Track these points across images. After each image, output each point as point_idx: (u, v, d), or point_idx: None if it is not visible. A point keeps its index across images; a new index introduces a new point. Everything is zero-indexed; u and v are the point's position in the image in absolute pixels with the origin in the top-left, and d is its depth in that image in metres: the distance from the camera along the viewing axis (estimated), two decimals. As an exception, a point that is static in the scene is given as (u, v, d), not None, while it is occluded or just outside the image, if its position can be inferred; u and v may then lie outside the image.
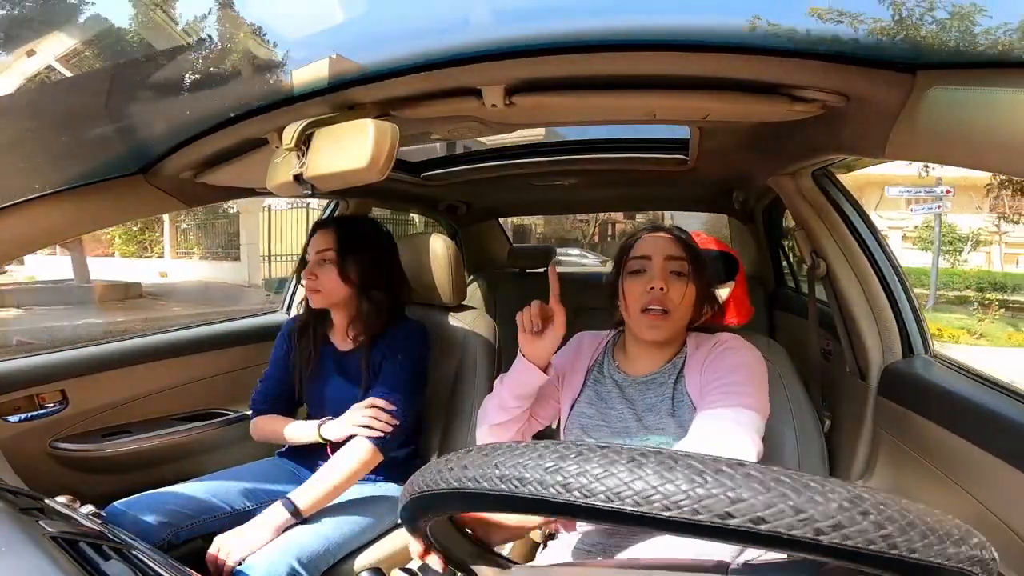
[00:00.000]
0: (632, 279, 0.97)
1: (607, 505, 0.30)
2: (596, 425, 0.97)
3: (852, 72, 0.62)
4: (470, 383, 1.36)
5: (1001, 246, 13.44)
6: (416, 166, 1.77)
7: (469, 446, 0.37)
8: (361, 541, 1.13)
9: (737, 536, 0.28)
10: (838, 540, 0.27)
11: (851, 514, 0.28)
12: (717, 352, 0.95)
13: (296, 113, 0.80)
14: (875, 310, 1.11)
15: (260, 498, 1.19)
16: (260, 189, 1.21)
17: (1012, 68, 0.49)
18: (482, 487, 0.33)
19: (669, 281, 0.95)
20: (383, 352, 1.23)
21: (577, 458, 0.31)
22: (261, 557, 0.96)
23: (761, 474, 0.29)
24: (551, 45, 0.65)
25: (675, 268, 0.96)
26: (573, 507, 0.30)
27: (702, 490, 0.29)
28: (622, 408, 0.97)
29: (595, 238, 19.17)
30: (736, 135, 1.09)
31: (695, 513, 0.28)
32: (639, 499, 0.29)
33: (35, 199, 0.96)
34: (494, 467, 0.33)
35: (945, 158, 0.66)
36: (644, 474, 0.30)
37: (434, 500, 0.36)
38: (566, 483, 0.30)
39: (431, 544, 0.43)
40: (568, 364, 1.06)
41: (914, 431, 0.96)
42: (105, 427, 1.30)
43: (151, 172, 1.03)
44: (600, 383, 1.02)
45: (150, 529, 1.02)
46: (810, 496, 0.28)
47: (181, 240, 13.53)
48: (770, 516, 0.28)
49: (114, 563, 0.49)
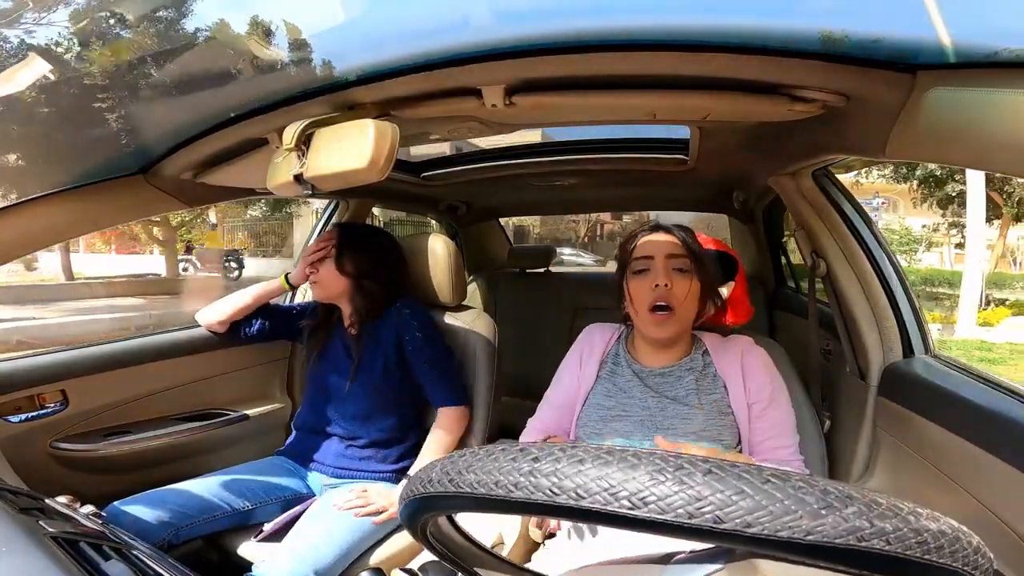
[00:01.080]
0: (637, 279, 0.99)
1: (579, 504, 0.29)
2: (617, 415, 0.98)
3: (852, 72, 0.62)
4: (470, 382, 1.36)
5: (951, 247, 15.16)
6: (416, 166, 1.77)
7: (471, 446, 0.37)
8: (369, 543, 1.13)
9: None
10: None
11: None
12: (753, 363, 1.00)
13: (296, 113, 0.80)
14: (875, 310, 1.11)
15: (260, 497, 1.19)
16: (260, 189, 1.21)
17: (1012, 68, 0.49)
18: (477, 491, 0.33)
19: (673, 278, 0.96)
20: (395, 329, 1.28)
21: (571, 460, 0.31)
22: (279, 566, 0.97)
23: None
24: (551, 45, 0.65)
25: (677, 265, 0.98)
26: (563, 509, 0.30)
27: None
28: (644, 397, 0.98)
29: (585, 239, 20.13)
30: (736, 135, 1.09)
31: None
32: (607, 496, 0.29)
33: (35, 199, 0.96)
34: (492, 471, 0.33)
35: (945, 158, 0.66)
36: (629, 473, 0.30)
37: (432, 501, 0.36)
38: (561, 484, 0.30)
39: (431, 545, 0.43)
40: (583, 357, 1.08)
41: (914, 431, 0.96)
42: (105, 427, 1.30)
43: (151, 172, 1.04)
44: (617, 374, 1.03)
45: (150, 529, 1.02)
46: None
47: (229, 239, 14.37)
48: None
49: (114, 563, 0.49)
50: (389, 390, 1.29)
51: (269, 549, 1.07)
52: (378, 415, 1.29)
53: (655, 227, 1.04)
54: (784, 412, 0.99)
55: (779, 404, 0.99)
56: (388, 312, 1.30)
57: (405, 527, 0.40)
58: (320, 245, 1.31)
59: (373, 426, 1.29)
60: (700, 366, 1.00)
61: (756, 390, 0.98)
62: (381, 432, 1.29)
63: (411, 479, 0.38)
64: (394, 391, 1.29)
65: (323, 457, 1.29)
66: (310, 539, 1.04)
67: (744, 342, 1.04)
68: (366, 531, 1.11)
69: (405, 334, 1.27)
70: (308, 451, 1.31)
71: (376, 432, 1.29)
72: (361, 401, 1.28)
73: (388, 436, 1.30)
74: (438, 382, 1.28)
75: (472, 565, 0.45)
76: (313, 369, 1.36)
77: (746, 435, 0.97)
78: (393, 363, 1.28)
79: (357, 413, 1.29)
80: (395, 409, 1.30)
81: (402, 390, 1.30)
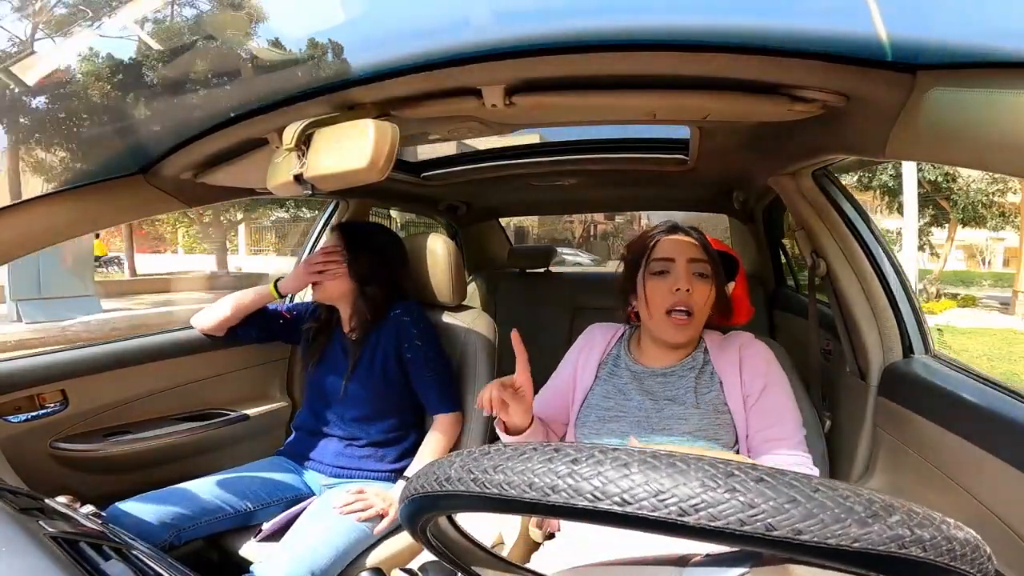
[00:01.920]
0: (655, 280, 0.98)
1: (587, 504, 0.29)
2: (615, 416, 0.98)
3: (852, 72, 0.62)
4: (470, 382, 1.36)
5: (949, 244, 15.89)
6: (416, 166, 1.77)
7: (470, 446, 0.36)
8: (366, 544, 1.13)
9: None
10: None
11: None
12: (751, 356, 0.99)
13: (296, 113, 0.80)
14: (875, 310, 1.11)
15: (261, 498, 1.19)
16: (260, 189, 1.21)
17: (1012, 68, 0.48)
18: (473, 490, 0.32)
19: (693, 282, 0.96)
20: (395, 335, 1.28)
21: (615, 463, 0.30)
22: (277, 567, 0.97)
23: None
24: (551, 45, 0.65)
25: (698, 270, 0.97)
26: (605, 514, 0.30)
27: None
28: (641, 399, 0.98)
29: (581, 239, 20.86)
30: (736, 135, 1.09)
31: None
32: (655, 502, 0.28)
33: (35, 199, 0.96)
34: (490, 471, 0.32)
35: (945, 158, 0.66)
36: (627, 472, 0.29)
37: (431, 501, 0.36)
38: (605, 489, 0.29)
39: (431, 545, 0.43)
40: (583, 357, 1.08)
41: (914, 431, 0.96)
42: (105, 427, 1.30)
43: (151, 172, 1.03)
44: (615, 375, 1.03)
45: (152, 530, 1.02)
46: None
47: (257, 239, 15.27)
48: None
49: (114, 563, 0.49)
50: (388, 393, 1.29)
51: (268, 549, 1.07)
52: (377, 416, 1.29)
53: (674, 227, 1.03)
54: (780, 402, 0.96)
55: (775, 394, 0.97)
56: (388, 317, 1.29)
57: (408, 525, 0.40)
58: (330, 256, 1.29)
59: (372, 427, 1.29)
60: (699, 364, 1.00)
61: (749, 381, 0.97)
62: (380, 433, 1.29)
63: (418, 476, 0.37)
64: (393, 394, 1.29)
65: (322, 456, 1.29)
66: (308, 539, 1.04)
67: (744, 337, 1.04)
68: (364, 531, 1.11)
69: (404, 341, 1.27)
70: (307, 451, 1.31)
71: (375, 433, 1.29)
72: (360, 403, 1.28)
73: (387, 436, 1.30)
74: (434, 389, 1.28)
75: (472, 565, 0.45)
76: (312, 371, 1.36)
77: (743, 432, 0.96)
78: (392, 368, 1.28)
79: (356, 415, 1.29)
80: (394, 411, 1.31)
81: (401, 393, 1.30)
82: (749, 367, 0.98)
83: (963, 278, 13.75)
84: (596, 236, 21.30)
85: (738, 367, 0.98)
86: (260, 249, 15.93)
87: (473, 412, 1.33)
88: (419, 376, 1.28)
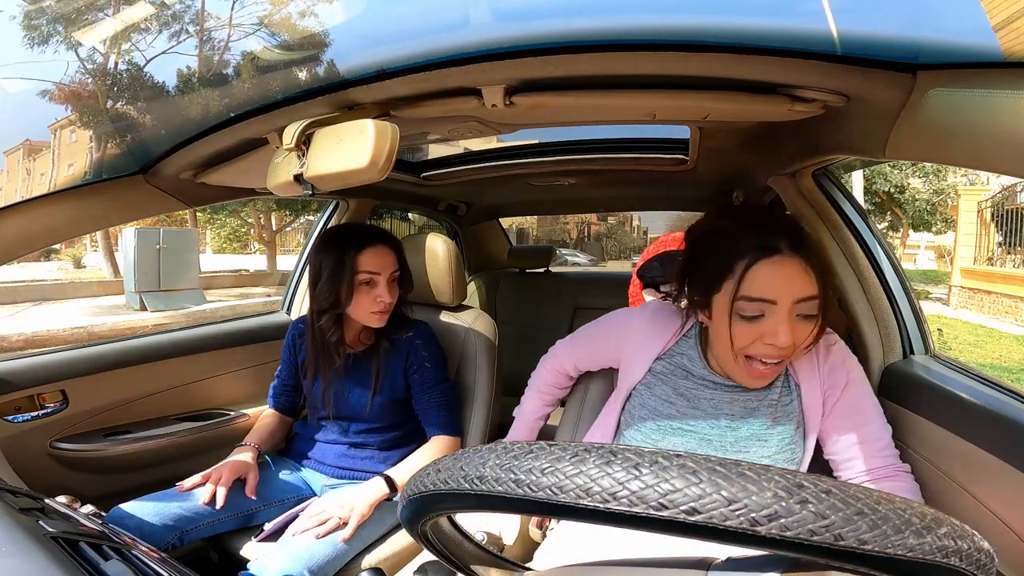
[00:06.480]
0: (744, 324, 0.77)
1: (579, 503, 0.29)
2: (678, 428, 0.88)
3: (852, 72, 0.62)
4: (471, 382, 1.36)
5: (902, 247, 17.47)
6: (416, 166, 1.77)
7: (470, 446, 0.36)
8: (365, 544, 1.13)
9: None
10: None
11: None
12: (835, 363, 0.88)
13: (296, 113, 0.80)
14: (875, 310, 1.11)
15: (263, 499, 1.19)
16: (260, 189, 1.21)
17: (1012, 68, 0.48)
18: (515, 492, 0.31)
19: (795, 325, 0.76)
20: (405, 357, 1.26)
21: (572, 459, 0.30)
22: (273, 565, 0.97)
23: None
24: (551, 45, 0.65)
25: (805, 311, 0.76)
26: (559, 507, 0.30)
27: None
28: (717, 413, 0.87)
29: (575, 240, 21.73)
30: (736, 135, 1.09)
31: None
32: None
33: (35, 199, 0.96)
34: (536, 472, 0.31)
35: (945, 158, 0.66)
36: (629, 473, 0.29)
37: (430, 501, 0.36)
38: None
39: (430, 546, 0.43)
40: (632, 341, 0.95)
41: (914, 431, 0.96)
42: (105, 427, 1.30)
43: (151, 172, 1.03)
44: (684, 377, 0.90)
45: (155, 532, 1.02)
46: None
47: (283, 240, 17.07)
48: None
49: (114, 563, 0.49)
50: (392, 405, 1.28)
51: (267, 549, 1.07)
52: (381, 425, 1.29)
53: (774, 247, 0.75)
54: (864, 398, 0.87)
55: (860, 392, 0.86)
56: (400, 338, 1.27)
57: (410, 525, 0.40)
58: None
59: (375, 435, 1.29)
60: (783, 375, 0.88)
61: (828, 375, 0.86)
62: (384, 439, 1.29)
63: (438, 471, 0.35)
64: (397, 405, 1.29)
65: (324, 457, 1.29)
66: (306, 538, 1.04)
67: (825, 339, 0.87)
68: (360, 531, 1.11)
69: (414, 363, 1.26)
70: (309, 452, 1.31)
71: (378, 439, 1.29)
72: (364, 412, 1.27)
73: (391, 443, 1.30)
74: (436, 413, 1.27)
75: (471, 564, 0.45)
76: (314, 379, 1.31)
77: (820, 431, 0.88)
78: (400, 384, 1.27)
79: (361, 426, 1.29)
80: (399, 422, 1.30)
81: (406, 407, 1.30)
82: (827, 363, 0.88)
83: (931, 277, 14.98)
84: (590, 237, 21.71)
85: (815, 364, 0.88)
86: (289, 250, 17.46)
87: (472, 417, 1.33)
88: (423, 399, 1.26)
